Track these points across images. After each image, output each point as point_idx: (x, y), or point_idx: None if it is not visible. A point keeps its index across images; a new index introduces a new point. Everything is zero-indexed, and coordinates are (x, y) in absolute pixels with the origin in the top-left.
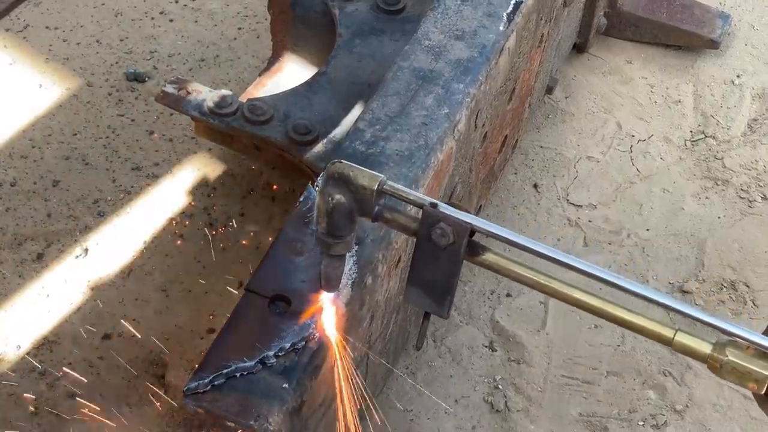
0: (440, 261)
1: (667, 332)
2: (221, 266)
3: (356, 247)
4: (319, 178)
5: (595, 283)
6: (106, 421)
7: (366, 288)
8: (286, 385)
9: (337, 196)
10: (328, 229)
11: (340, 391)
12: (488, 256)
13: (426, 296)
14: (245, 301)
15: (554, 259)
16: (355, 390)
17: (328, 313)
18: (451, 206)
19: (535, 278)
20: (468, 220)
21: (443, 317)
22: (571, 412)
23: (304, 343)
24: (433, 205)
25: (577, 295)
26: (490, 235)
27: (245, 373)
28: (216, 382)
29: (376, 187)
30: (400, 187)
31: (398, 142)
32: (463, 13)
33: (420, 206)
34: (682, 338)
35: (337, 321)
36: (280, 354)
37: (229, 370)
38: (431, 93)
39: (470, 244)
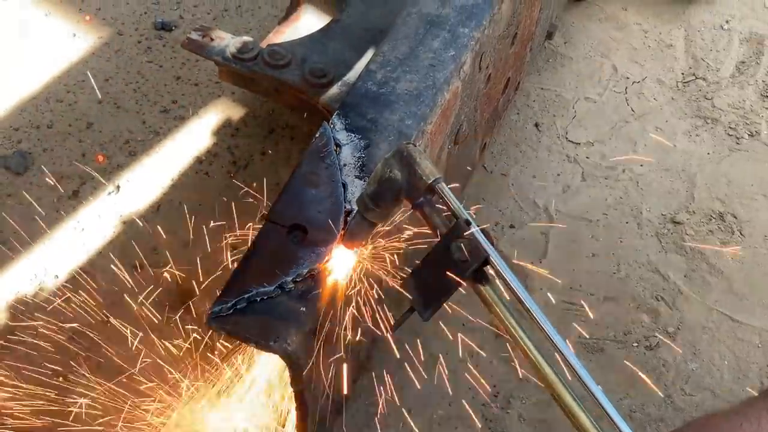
0: (445, 272)
1: None
2: (244, 201)
3: None
4: (333, 117)
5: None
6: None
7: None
8: (303, 309)
9: (396, 171)
10: (374, 193)
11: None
12: (488, 290)
13: (418, 293)
14: (265, 231)
15: (548, 336)
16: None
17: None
18: (483, 233)
19: (513, 332)
20: (487, 250)
21: (423, 319)
22: (571, 335)
23: (319, 269)
24: (467, 222)
25: (542, 364)
26: (498, 275)
27: (265, 297)
28: (238, 306)
29: (430, 182)
30: (448, 192)
31: (408, 83)
32: None
33: (456, 217)
34: None
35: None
36: (297, 280)
37: (250, 294)
38: (438, 37)
39: (478, 271)
